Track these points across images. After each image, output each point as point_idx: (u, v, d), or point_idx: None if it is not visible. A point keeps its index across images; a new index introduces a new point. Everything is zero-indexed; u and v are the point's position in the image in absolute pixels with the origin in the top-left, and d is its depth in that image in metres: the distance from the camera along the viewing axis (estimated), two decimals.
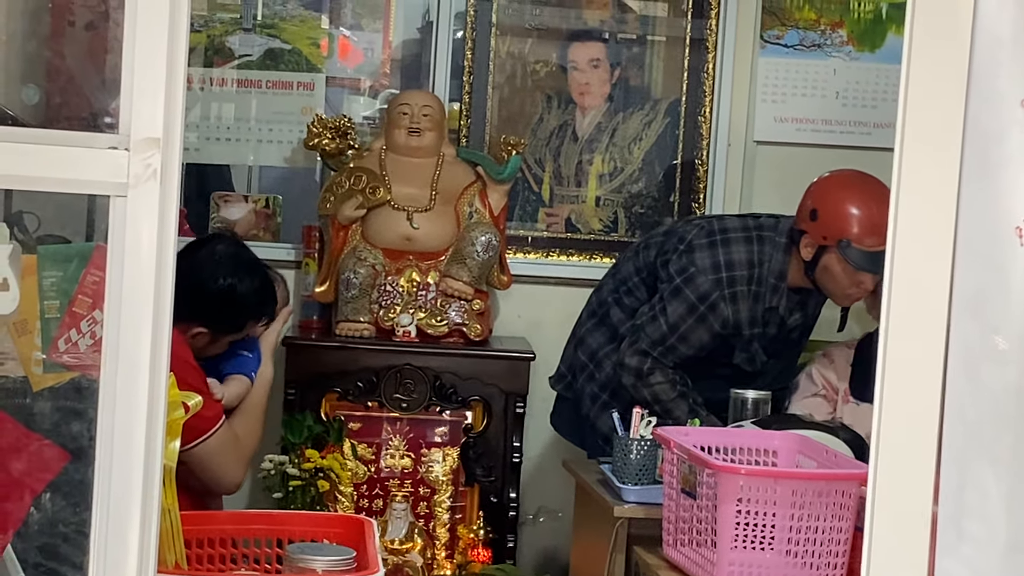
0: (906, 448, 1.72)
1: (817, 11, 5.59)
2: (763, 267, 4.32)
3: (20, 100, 3.49)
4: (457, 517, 4.98)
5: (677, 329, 4.32)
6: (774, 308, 4.34)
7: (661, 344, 4.33)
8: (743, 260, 4.32)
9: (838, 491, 3.16)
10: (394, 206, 5.19)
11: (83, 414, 1.89)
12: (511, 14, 5.57)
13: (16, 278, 1.87)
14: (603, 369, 4.56)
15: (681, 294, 4.32)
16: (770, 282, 4.32)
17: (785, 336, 4.44)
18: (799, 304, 4.39)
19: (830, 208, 4.19)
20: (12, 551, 2.05)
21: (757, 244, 4.34)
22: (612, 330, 4.56)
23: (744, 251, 4.33)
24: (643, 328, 4.37)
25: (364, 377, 5.00)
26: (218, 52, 5.55)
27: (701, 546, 3.27)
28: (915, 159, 1.69)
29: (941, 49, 1.68)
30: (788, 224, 4.36)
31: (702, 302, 4.30)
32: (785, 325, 4.40)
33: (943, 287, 1.69)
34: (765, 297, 4.33)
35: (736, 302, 4.31)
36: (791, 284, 4.34)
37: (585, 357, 4.63)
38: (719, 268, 4.32)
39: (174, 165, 1.68)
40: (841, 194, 4.21)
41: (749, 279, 4.31)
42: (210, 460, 3.67)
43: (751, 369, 4.41)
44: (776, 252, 4.32)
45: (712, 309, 4.31)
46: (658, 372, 4.33)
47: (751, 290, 4.31)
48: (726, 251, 4.34)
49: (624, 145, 5.61)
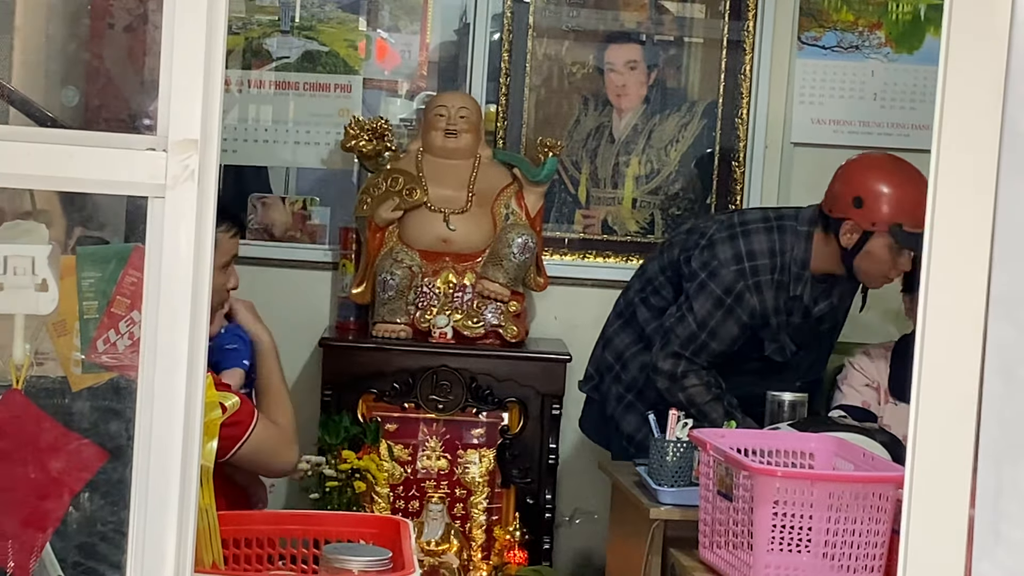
0: (942, 451, 1.71)
1: (855, 12, 5.58)
2: (785, 256, 4.32)
3: (59, 102, 3.51)
4: (493, 519, 4.98)
5: (706, 325, 4.32)
6: (798, 297, 4.34)
7: (692, 342, 4.33)
8: (764, 250, 4.32)
9: (875, 494, 3.15)
10: (431, 208, 5.20)
11: (121, 414, 1.90)
12: (548, 16, 5.57)
13: (55, 279, 1.88)
14: (629, 370, 4.57)
15: (706, 289, 4.33)
16: (793, 271, 4.32)
17: (813, 326, 4.44)
18: (824, 292, 4.39)
19: (876, 194, 4.19)
20: (51, 550, 2.07)
21: (778, 233, 4.35)
22: (639, 330, 4.57)
23: (765, 241, 4.34)
24: (672, 330, 4.37)
25: (401, 378, 5.01)
26: (256, 54, 5.57)
27: (737, 548, 3.27)
28: (952, 160, 1.68)
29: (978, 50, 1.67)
30: (810, 213, 4.37)
31: (728, 294, 4.31)
32: (811, 314, 4.39)
33: (980, 288, 1.68)
34: (789, 286, 4.33)
35: (761, 291, 4.31)
36: (815, 271, 4.34)
37: (612, 358, 4.63)
38: (741, 259, 4.32)
39: (211, 166, 1.69)
40: (885, 179, 4.21)
41: (772, 268, 4.31)
42: (256, 456, 3.65)
43: (781, 359, 4.40)
44: (798, 241, 4.32)
45: (738, 300, 4.31)
46: (692, 375, 4.33)
47: (775, 279, 4.31)
48: (747, 242, 4.34)
49: (660, 147, 5.61)
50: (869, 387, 4.48)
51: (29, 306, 1.90)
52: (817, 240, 4.32)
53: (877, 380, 4.48)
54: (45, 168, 1.69)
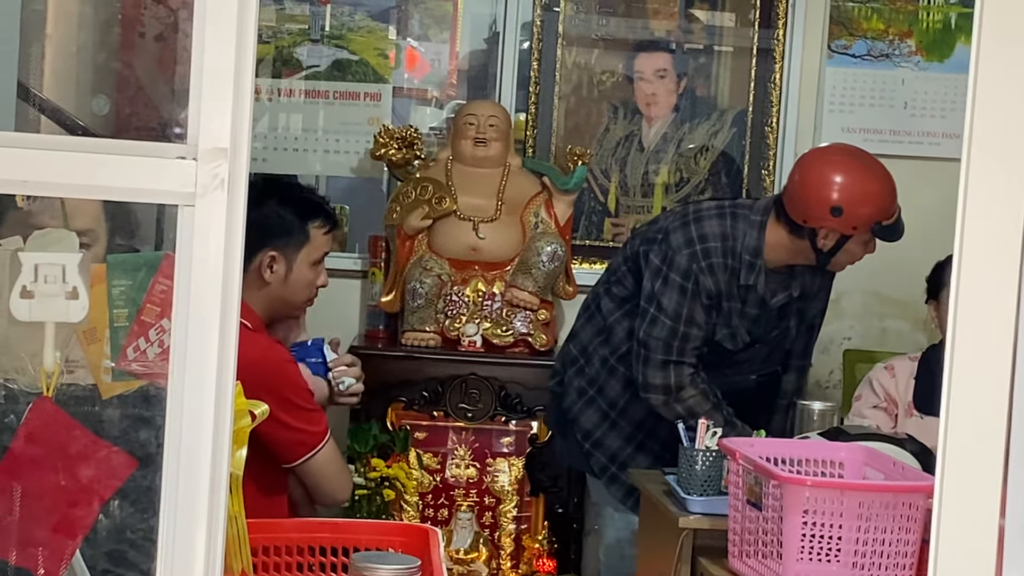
0: (973, 460, 1.70)
1: (885, 21, 5.57)
2: (736, 242, 4.29)
3: (90, 110, 3.52)
4: (522, 527, 4.98)
5: (680, 315, 4.28)
6: (752, 287, 4.31)
7: (673, 340, 4.29)
8: (716, 233, 4.30)
9: (905, 503, 3.14)
10: (460, 216, 5.20)
11: (151, 421, 1.91)
12: (577, 24, 5.58)
13: (86, 287, 1.89)
14: (592, 364, 4.53)
15: (669, 281, 4.30)
16: (745, 259, 4.28)
17: (771, 318, 4.40)
18: (782, 284, 4.36)
19: (855, 201, 4.16)
20: (80, 557, 2.07)
21: (730, 220, 4.33)
22: (601, 322, 4.52)
23: (717, 226, 4.31)
24: (647, 341, 4.31)
25: (430, 387, 5.02)
26: (286, 63, 5.59)
27: (767, 558, 3.26)
28: (982, 169, 1.68)
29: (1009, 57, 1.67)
30: (765, 203, 4.35)
31: (687, 280, 4.28)
32: (768, 305, 4.35)
33: (1011, 297, 1.67)
34: (740, 273, 4.30)
35: (714, 273, 4.29)
36: (772, 265, 4.31)
37: (576, 351, 4.59)
38: (692, 243, 4.30)
39: (241, 175, 1.69)
40: (857, 183, 4.18)
41: (724, 252, 4.29)
42: (321, 473, 3.67)
43: (732, 347, 4.37)
44: (750, 229, 4.29)
45: (696, 284, 4.28)
46: (688, 385, 4.30)
47: (727, 264, 4.29)
48: (698, 227, 4.32)
49: (690, 156, 5.61)
50: (878, 408, 4.43)
51: (60, 314, 1.90)
52: (770, 230, 4.29)
53: (896, 397, 4.44)
54: (75, 176, 1.69)
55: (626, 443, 4.49)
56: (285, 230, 3.80)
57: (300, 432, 3.59)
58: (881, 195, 4.17)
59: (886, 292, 4.52)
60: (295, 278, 3.81)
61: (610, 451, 4.50)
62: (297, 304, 3.86)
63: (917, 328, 4.69)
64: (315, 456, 3.62)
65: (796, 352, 4.57)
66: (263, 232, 3.77)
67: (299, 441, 3.58)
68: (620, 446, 4.49)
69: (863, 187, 4.18)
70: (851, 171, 4.23)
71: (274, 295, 3.78)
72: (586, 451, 4.52)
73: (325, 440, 3.64)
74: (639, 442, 4.47)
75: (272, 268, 3.76)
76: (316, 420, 3.63)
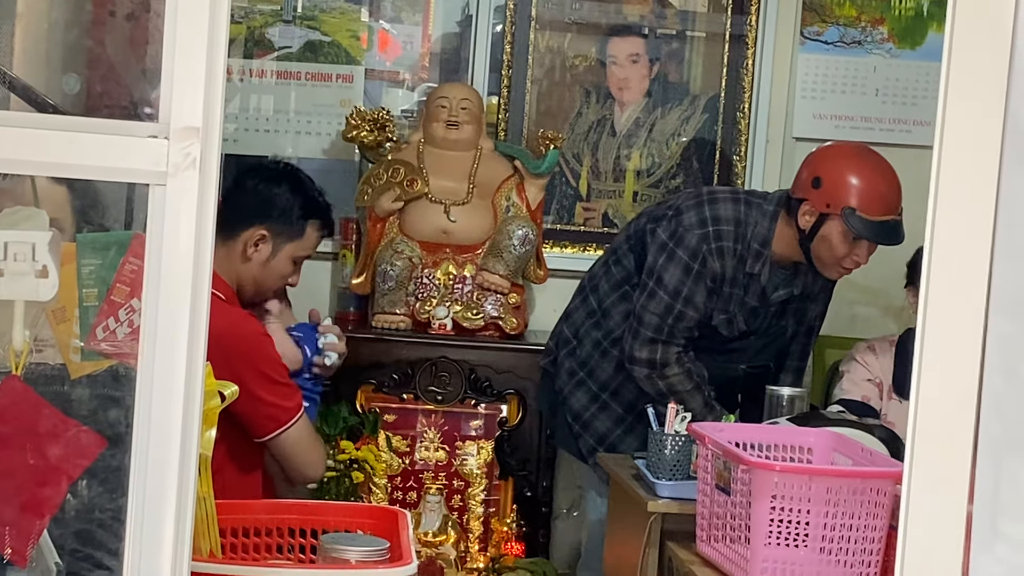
0: (941, 446, 1.71)
1: (858, 8, 5.58)
2: (748, 228, 4.30)
3: (61, 89, 3.50)
4: (491, 510, 4.99)
5: (679, 293, 4.29)
6: (756, 276, 4.32)
7: (667, 317, 4.29)
8: (730, 217, 4.31)
9: (873, 489, 3.15)
10: (431, 199, 5.20)
11: (120, 401, 1.90)
12: (551, 8, 5.57)
13: (56, 266, 1.88)
14: (584, 346, 4.54)
15: (674, 257, 4.30)
16: (754, 247, 4.29)
17: (769, 312, 4.41)
18: (785, 280, 4.37)
19: (835, 176, 4.18)
20: (49, 536, 2.07)
21: (744, 206, 4.34)
22: (596, 303, 4.52)
23: (731, 210, 4.32)
24: (642, 316, 4.33)
25: (400, 369, 5.01)
26: (258, 43, 5.57)
27: (735, 542, 3.27)
28: (954, 156, 1.68)
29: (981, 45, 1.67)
30: (779, 195, 4.36)
31: (694, 259, 4.28)
32: (768, 299, 4.36)
33: (981, 284, 1.68)
34: (747, 261, 4.31)
35: (723, 256, 4.30)
36: (778, 259, 4.32)
37: (569, 332, 4.60)
38: (706, 223, 4.30)
39: (213, 155, 1.69)
40: (847, 163, 4.20)
41: (735, 237, 4.30)
42: (293, 449, 3.66)
43: (727, 334, 4.38)
44: (762, 218, 4.31)
45: (703, 264, 4.29)
46: (674, 363, 4.31)
47: (736, 249, 4.30)
48: (712, 208, 4.32)
49: (662, 140, 5.61)
50: (870, 382, 4.47)
51: (29, 292, 1.90)
52: (780, 223, 4.30)
53: (880, 376, 4.47)
54: (46, 154, 1.69)
55: (615, 425, 4.49)
56: (285, 217, 3.81)
57: (272, 407, 3.57)
58: (864, 183, 4.15)
59: (855, 278, 4.52)
60: (274, 265, 3.81)
61: (598, 433, 4.50)
62: (264, 291, 3.85)
63: (887, 315, 4.70)
64: (287, 431, 3.60)
65: (794, 353, 4.58)
66: (263, 210, 3.79)
67: (271, 416, 3.57)
68: (609, 428, 4.50)
69: (849, 168, 4.18)
70: (846, 155, 4.26)
71: (251, 274, 3.78)
72: (575, 432, 4.53)
73: (298, 416, 3.63)
74: (628, 424, 4.47)
75: (257, 246, 3.76)
76: (289, 395, 3.62)
